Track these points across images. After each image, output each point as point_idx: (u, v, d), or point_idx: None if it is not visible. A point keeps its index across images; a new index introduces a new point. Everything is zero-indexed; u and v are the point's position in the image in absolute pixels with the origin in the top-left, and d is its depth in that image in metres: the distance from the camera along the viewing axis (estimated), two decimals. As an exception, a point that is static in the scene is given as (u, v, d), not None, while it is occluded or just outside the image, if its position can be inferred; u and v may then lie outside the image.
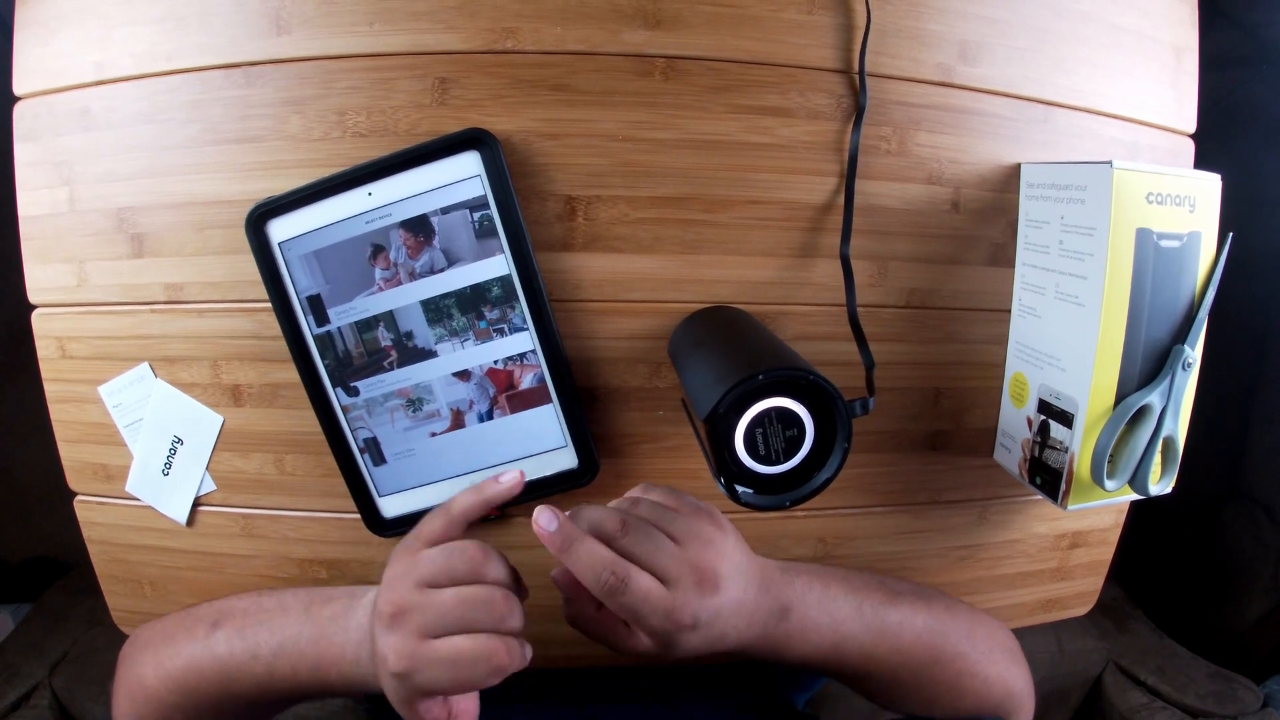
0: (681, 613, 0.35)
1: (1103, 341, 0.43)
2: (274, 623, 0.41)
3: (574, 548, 0.35)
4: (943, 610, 0.45)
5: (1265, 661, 0.82)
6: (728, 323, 0.45)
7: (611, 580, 0.34)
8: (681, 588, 0.36)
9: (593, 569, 0.35)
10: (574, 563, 0.35)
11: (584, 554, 0.35)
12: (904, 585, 0.45)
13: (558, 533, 0.36)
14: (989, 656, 0.45)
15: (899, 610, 0.43)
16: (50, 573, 0.93)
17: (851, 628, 0.41)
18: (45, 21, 0.47)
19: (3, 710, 0.73)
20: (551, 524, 0.36)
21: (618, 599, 0.35)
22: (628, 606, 0.35)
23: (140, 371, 0.50)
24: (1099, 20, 0.50)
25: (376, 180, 0.45)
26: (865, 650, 0.42)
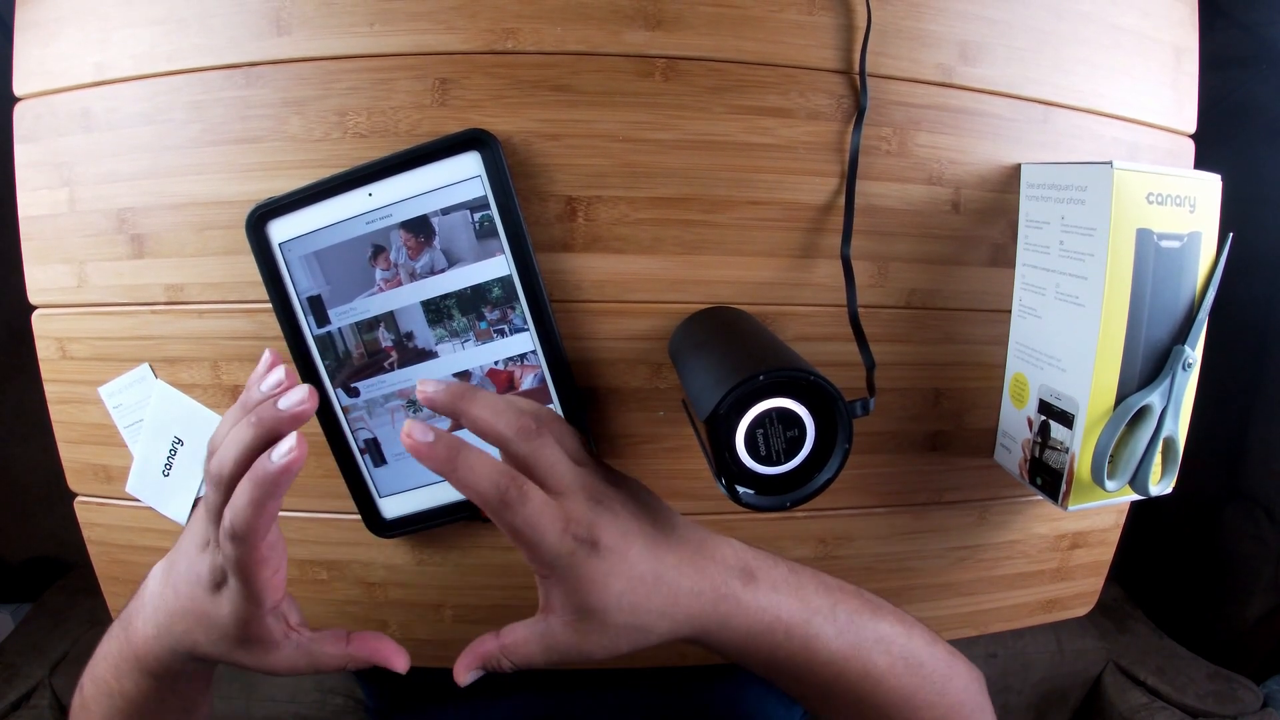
0: (576, 523, 0.30)
1: (1103, 342, 0.43)
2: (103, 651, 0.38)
3: (461, 459, 0.29)
4: (923, 643, 0.38)
5: (1265, 661, 0.82)
6: (728, 323, 0.45)
7: (512, 490, 0.29)
8: (575, 500, 0.31)
9: (489, 479, 0.29)
10: (463, 475, 0.29)
11: (475, 465, 0.29)
12: (881, 600, 0.39)
13: (438, 444, 0.29)
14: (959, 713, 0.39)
15: (879, 626, 0.37)
16: (50, 573, 0.93)
17: (823, 625, 0.35)
18: (45, 22, 0.47)
19: (3, 710, 0.73)
20: (427, 435, 0.29)
21: (514, 511, 0.29)
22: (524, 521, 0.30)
23: (140, 372, 0.50)
24: (1099, 21, 0.50)
25: (377, 181, 0.45)
26: (836, 660, 0.36)
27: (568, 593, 0.32)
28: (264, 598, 0.31)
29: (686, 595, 0.33)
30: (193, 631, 0.33)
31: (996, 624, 0.60)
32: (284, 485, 0.29)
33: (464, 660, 0.34)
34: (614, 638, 0.32)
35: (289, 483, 0.29)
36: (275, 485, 0.28)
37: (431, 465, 0.29)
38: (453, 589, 0.53)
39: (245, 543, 0.29)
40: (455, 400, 0.31)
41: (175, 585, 0.33)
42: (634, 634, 0.32)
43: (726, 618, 0.34)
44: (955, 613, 0.58)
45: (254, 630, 0.32)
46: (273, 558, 0.31)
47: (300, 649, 0.34)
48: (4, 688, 0.75)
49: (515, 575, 0.53)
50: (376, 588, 0.53)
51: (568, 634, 0.32)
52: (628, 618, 0.32)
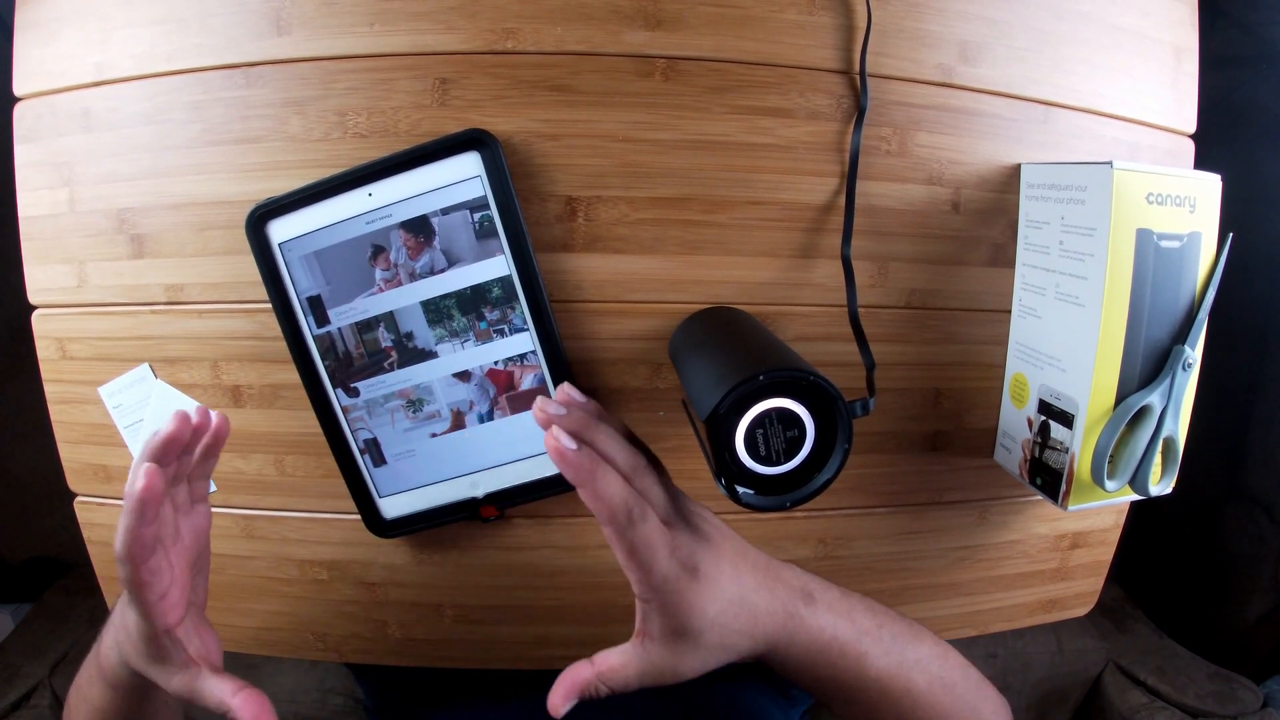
0: (682, 550, 0.33)
1: (1103, 342, 0.43)
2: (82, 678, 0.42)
3: (600, 473, 0.32)
4: (957, 667, 0.41)
5: (1265, 661, 0.82)
6: (728, 323, 0.45)
7: (636, 510, 0.32)
8: (678, 529, 0.34)
9: (619, 496, 0.32)
10: (600, 488, 0.32)
11: (612, 480, 0.32)
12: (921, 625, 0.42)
13: (583, 453, 0.32)
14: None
15: (919, 648, 0.39)
16: (50, 573, 0.93)
17: (870, 646, 0.38)
18: (45, 22, 0.47)
19: (3, 710, 0.73)
20: (572, 443, 0.32)
21: (636, 530, 0.32)
22: (642, 540, 0.32)
23: (140, 372, 0.50)
24: (1099, 21, 0.50)
25: (377, 181, 0.45)
26: (882, 679, 0.38)
27: (668, 615, 0.34)
28: (153, 618, 0.34)
29: (764, 615, 0.35)
30: (125, 643, 0.36)
31: (996, 624, 0.60)
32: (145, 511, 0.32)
33: (560, 691, 0.36)
34: (705, 657, 0.35)
35: (151, 509, 0.32)
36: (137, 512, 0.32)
37: (570, 472, 0.32)
38: (453, 589, 0.53)
39: (126, 564, 0.33)
40: (579, 429, 0.33)
41: (120, 602, 0.37)
42: (721, 652, 0.35)
43: (793, 635, 0.36)
44: (955, 613, 0.58)
45: (153, 648, 0.35)
46: (156, 583, 0.34)
47: (192, 679, 0.36)
48: (4, 688, 0.75)
49: (515, 575, 0.53)
50: (376, 588, 0.53)
51: (665, 655, 0.35)
52: (718, 638, 0.34)
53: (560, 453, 0.32)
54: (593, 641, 0.39)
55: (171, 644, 0.35)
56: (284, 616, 0.55)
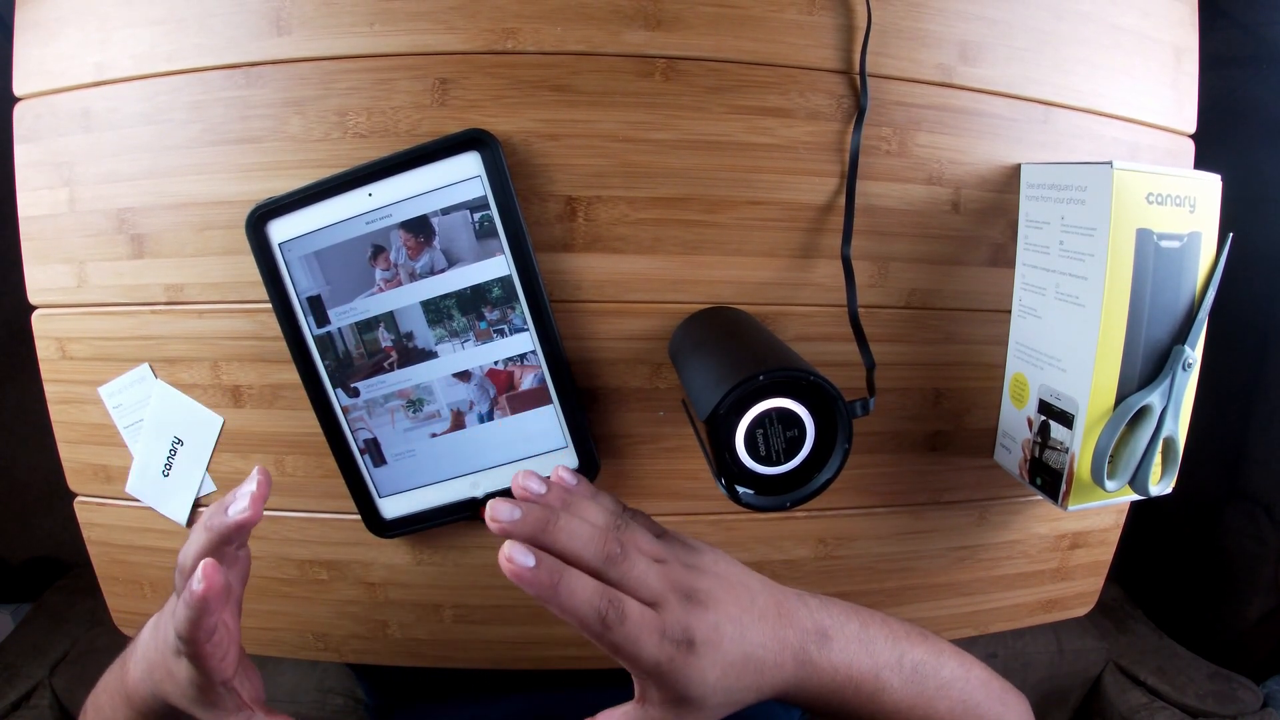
0: (672, 629, 0.32)
1: (1103, 342, 0.43)
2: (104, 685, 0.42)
3: (562, 586, 0.31)
4: (979, 684, 0.41)
5: (1265, 661, 0.82)
6: (728, 323, 0.45)
7: (610, 612, 0.31)
8: (667, 606, 0.33)
9: (588, 604, 0.31)
10: (565, 602, 0.31)
11: (576, 590, 0.31)
12: (941, 641, 0.41)
13: (540, 569, 0.30)
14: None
15: (940, 673, 0.39)
16: (50, 573, 0.93)
17: (890, 678, 0.37)
18: (45, 22, 0.47)
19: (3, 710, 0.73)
20: (528, 559, 0.30)
21: (613, 632, 0.31)
22: (624, 639, 0.31)
23: (140, 372, 0.50)
24: (1099, 21, 0.50)
25: (377, 181, 0.45)
26: (901, 709, 0.38)
27: (668, 689, 0.33)
28: (211, 676, 0.34)
29: (771, 669, 0.35)
30: (164, 683, 0.36)
31: (996, 624, 0.60)
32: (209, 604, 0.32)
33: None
34: (711, 714, 0.34)
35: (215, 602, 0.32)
36: (200, 607, 0.31)
37: (531, 590, 0.30)
38: (453, 589, 0.53)
39: (189, 644, 0.33)
40: (536, 532, 0.32)
41: (156, 640, 0.37)
42: (727, 709, 0.35)
43: (804, 680, 0.36)
44: (955, 613, 0.58)
45: (206, 696, 0.35)
46: (218, 650, 0.34)
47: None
48: (4, 688, 0.75)
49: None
50: (376, 588, 0.53)
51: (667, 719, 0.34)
52: (723, 698, 0.34)
53: (515, 572, 0.30)
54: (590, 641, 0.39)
55: (227, 692, 0.36)
56: (284, 616, 0.55)
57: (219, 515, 0.34)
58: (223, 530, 0.33)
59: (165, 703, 0.37)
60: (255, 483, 0.34)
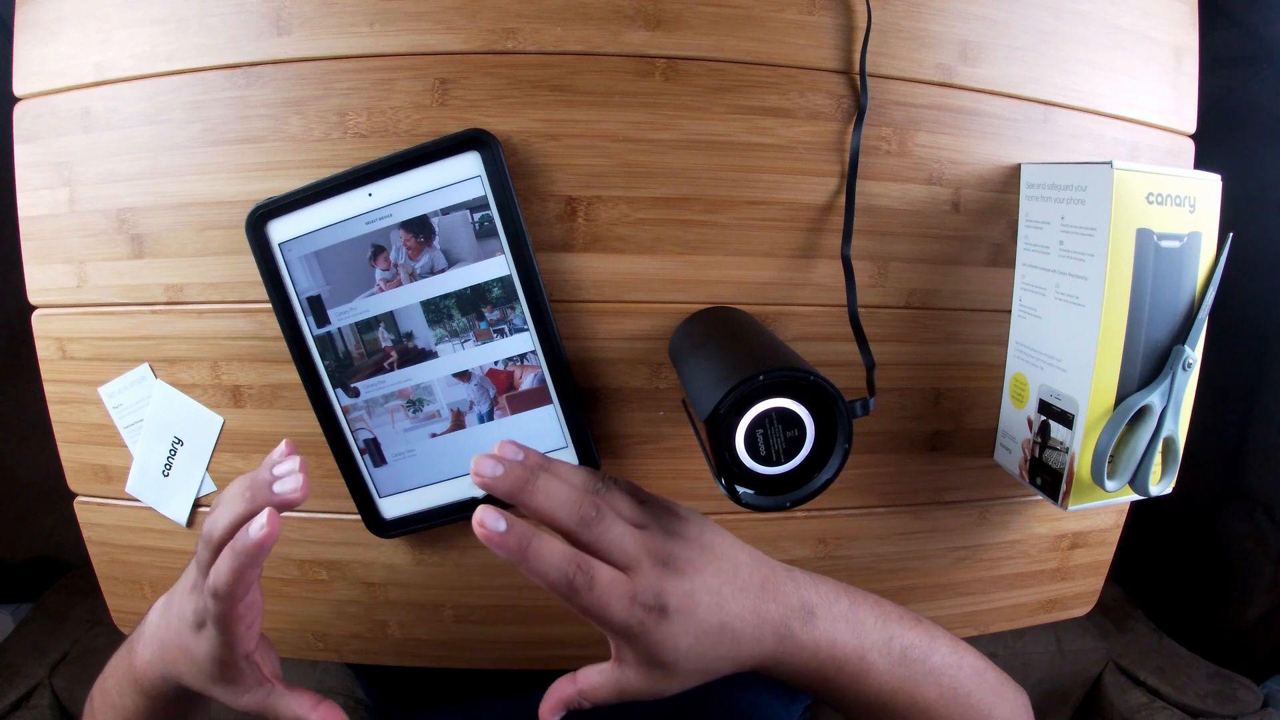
0: (644, 593, 0.32)
1: (1103, 342, 0.43)
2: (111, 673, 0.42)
3: (531, 550, 0.31)
4: (972, 673, 0.40)
5: (1265, 661, 0.82)
6: (728, 323, 0.45)
7: (579, 576, 0.31)
8: (641, 570, 0.33)
9: (557, 568, 0.31)
10: (533, 565, 0.32)
11: (545, 554, 0.31)
12: (935, 627, 0.41)
13: (510, 533, 0.31)
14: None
15: (930, 659, 0.39)
16: (50, 573, 0.93)
17: (876, 660, 0.37)
18: (45, 23, 0.47)
19: (3, 710, 0.73)
20: (499, 524, 0.31)
21: (581, 596, 0.32)
22: (592, 603, 0.32)
23: (140, 372, 0.50)
24: (1099, 20, 0.50)
25: (377, 181, 0.45)
26: (885, 692, 0.38)
27: (639, 651, 0.34)
28: (236, 646, 0.34)
29: (749, 641, 0.35)
30: (178, 662, 0.36)
31: (996, 624, 0.60)
32: (260, 556, 0.32)
33: (547, 705, 0.37)
34: (684, 681, 0.35)
35: (264, 555, 0.32)
36: (251, 556, 0.32)
37: (502, 554, 0.31)
38: (453, 589, 0.53)
39: (224, 601, 0.33)
40: (515, 489, 0.33)
41: (169, 619, 0.37)
42: (702, 676, 0.35)
43: (784, 656, 0.36)
44: (955, 613, 0.58)
45: (227, 671, 0.35)
46: (248, 615, 0.34)
47: (266, 695, 0.36)
48: (4, 688, 0.75)
49: (515, 575, 0.53)
50: (376, 588, 0.53)
51: (641, 681, 0.35)
52: (696, 665, 0.34)
53: (486, 535, 0.31)
54: (591, 641, 0.39)
55: (248, 666, 0.36)
56: (284, 616, 0.55)
57: (261, 488, 0.33)
58: (266, 502, 0.33)
59: (178, 684, 0.37)
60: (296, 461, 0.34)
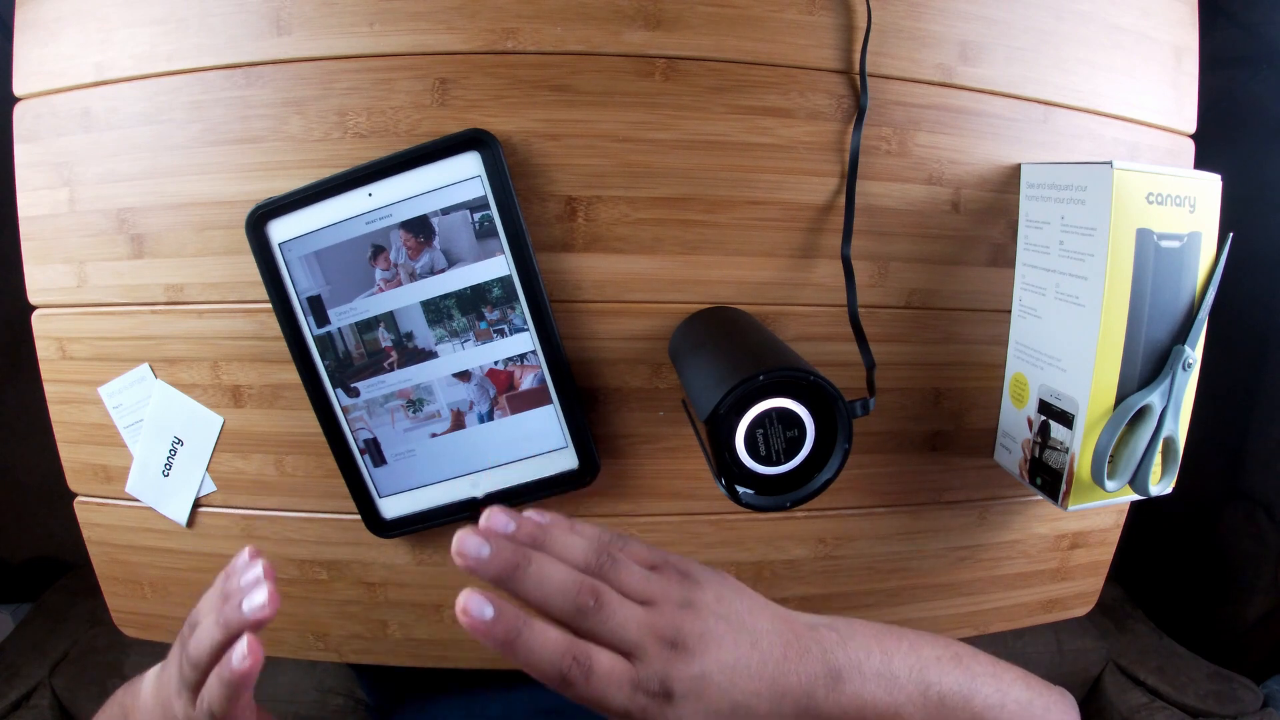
0: (648, 681, 0.30)
1: (1103, 342, 0.43)
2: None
3: (521, 641, 0.29)
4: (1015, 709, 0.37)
5: (1265, 661, 0.82)
6: (728, 323, 0.45)
7: (574, 670, 0.29)
8: (646, 657, 0.30)
9: (549, 661, 0.29)
10: (524, 658, 0.29)
11: (537, 647, 0.29)
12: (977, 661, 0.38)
13: (497, 622, 0.28)
14: None
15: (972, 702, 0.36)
16: (50, 573, 0.93)
17: (912, 713, 0.35)
18: (45, 23, 0.47)
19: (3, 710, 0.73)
20: (484, 610, 0.28)
21: (577, 690, 0.29)
22: (589, 696, 0.29)
23: (140, 372, 0.50)
24: (1099, 20, 0.50)
25: (377, 181, 0.45)
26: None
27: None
28: None
29: (765, 717, 0.32)
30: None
31: (997, 624, 0.60)
32: (249, 682, 0.32)
33: None
34: None
35: (254, 679, 0.32)
36: (238, 684, 0.32)
37: (488, 643, 0.29)
38: (453, 589, 0.53)
39: None
40: (503, 574, 0.30)
41: (162, 703, 0.36)
42: None
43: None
44: (955, 613, 0.58)
45: None
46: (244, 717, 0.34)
47: None
48: (4, 688, 0.75)
49: (515, 575, 0.53)
50: (376, 588, 0.53)
51: None
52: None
53: (471, 624, 0.28)
54: (593, 641, 0.39)
55: None
56: (284, 616, 0.55)
57: (233, 610, 0.33)
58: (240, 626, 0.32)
59: None
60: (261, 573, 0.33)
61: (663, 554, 0.35)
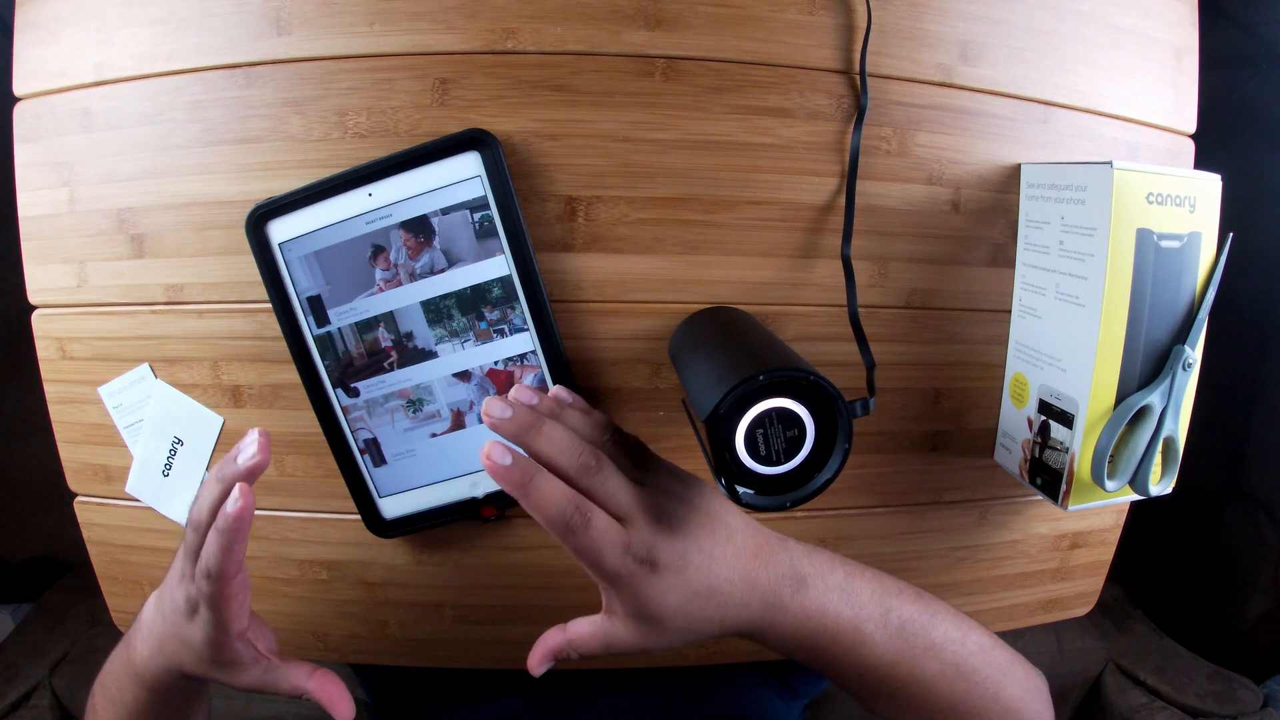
0: (637, 545, 0.33)
1: (1103, 342, 0.43)
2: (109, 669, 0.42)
3: (533, 485, 0.32)
4: (977, 650, 0.39)
5: (1265, 661, 0.82)
6: (728, 323, 0.45)
7: (575, 518, 0.32)
8: (635, 523, 0.34)
9: (556, 506, 0.32)
10: (534, 500, 0.33)
11: (546, 491, 0.32)
12: (940, 603, 0.40)
13: (514, 468, 0.32)
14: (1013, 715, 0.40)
15: (931, 633, 0.38)
16: (50, 573, 0.93)
17: (872, 631, 0.37)
18: (45, 23, 0.47)
19: (3, 710, 0.73)
20: (505, 458, 0.32)
21: (576, 537, 0.33)
22: (587, 545, 0.33)
23: (140, 372, 0.50)
24: (1099, 21, 0.50)
25: (377, 181, 0.45)
26: (883, 665, 0.38)
27: (628, 602, 0.34)
28: (230, 625, 0.36)
29: (736, 606, 0.36)
30: (177, 652, 0.37)
31: (997, 624, 0.60)
32: (243, 530, 0.33)
33: (536, 654, 0.38)
34: (670, 639, 0.35)
35: (246, 528, 0.33)
36: (234, 531, 0.33)
37: (505, 486, 0.32)
38: (453, 589, 0.53)
39: (217, 581, 0.34)
40: (521, 432, 0.34)
41: (163, 612, 0.38)
42: (688, 635, 0.36)
43: (773, 622, 0.36)
44: (955, 613, 0.58)
45: (223, 653, 0.36)
46: (240, 594, 0.35)
47: (264, 672, 0.38)
48: (4, 688, 0.75)
49: (515, 575, 0.53)
50: (376, 588, 0.53)
51: (629, 634, 0.35)
52: (683, 623, 0.35)
53: (492, 468, 0.32)
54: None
55: (243, 645, 0.37)
56: (284, 616, 0.55)
57: (229, 465, 0.34)
58: (234, 477, 0.34)
59: (179, 673, 0.38)
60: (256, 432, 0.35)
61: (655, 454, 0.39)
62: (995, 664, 0.40)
